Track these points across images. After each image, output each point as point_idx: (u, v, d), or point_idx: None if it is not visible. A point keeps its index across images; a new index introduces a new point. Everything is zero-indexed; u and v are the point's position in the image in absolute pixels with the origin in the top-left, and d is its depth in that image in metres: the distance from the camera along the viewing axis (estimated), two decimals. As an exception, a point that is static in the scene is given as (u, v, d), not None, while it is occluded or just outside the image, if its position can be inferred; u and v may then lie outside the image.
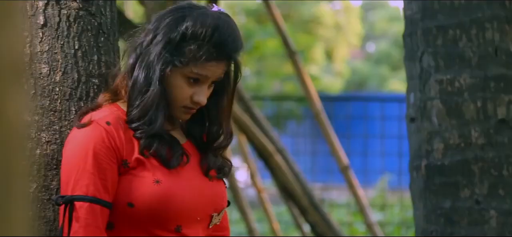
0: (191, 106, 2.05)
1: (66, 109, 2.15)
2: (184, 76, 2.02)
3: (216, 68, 2.03)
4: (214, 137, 2.13)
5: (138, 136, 2.01)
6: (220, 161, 2.13)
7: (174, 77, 2.03)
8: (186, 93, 2.03)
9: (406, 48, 3.11)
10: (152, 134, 2.00)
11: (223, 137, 2.14)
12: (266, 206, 6.38)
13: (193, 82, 2.03)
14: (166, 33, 2.02)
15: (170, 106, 2.05)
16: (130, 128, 2.02)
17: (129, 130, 2.02)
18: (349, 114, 9.93)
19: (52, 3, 2.18)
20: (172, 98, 2.04)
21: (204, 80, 2.04)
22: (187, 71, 2.02)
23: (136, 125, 2.01)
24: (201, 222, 2.07)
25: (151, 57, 2.02)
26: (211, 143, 2.14)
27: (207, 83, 2.05)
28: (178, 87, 2.03)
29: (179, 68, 2.02)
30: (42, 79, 2.15)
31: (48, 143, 2.12)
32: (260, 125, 5.38)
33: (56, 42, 2.17)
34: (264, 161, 5.27)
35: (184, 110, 2.06)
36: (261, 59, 14.56)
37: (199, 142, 2.15)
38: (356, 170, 6.29)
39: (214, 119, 2.14)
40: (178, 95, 2.04)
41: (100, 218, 1.96)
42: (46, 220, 2.11)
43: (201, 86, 2.04)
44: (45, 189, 2.11)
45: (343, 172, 5.66)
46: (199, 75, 2.02)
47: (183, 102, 2.04)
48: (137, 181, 1.98)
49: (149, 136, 2.00)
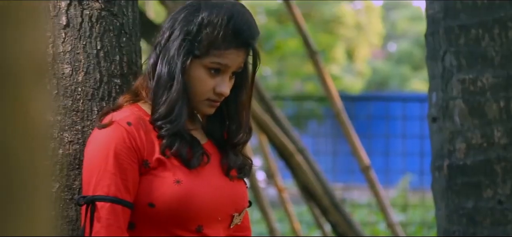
0: (215, 98, 2.06)
1: (89, 109, 2.16)
2: (205, 67, 2.04)
3: (236, 56, 2.05)
4: (234, 134, 2.14)
5: (163, 134, 2.01)
6: (240, 160, 2.13)
7: (195, 69, 2.04)
8: (208, 85, 2.04)
9: (428, 48, 3.10)
10: (175, 132, 2.01)
11: (243, 133, 2.14)
12: (287, 206, 6.38)
13: (214, 73, 2.04)
14: (183, 26, 2.04)
15: (194, 101, 2.06)
16: (155, 126, 2.03)
17: (150, 130, 2.02)
18: (370, 114, 9.89)
19: (75, 4, 2.19)
20: (195, 92, 2.05)
21: (225, 69, 2.04)
22: (208, 62, 2.03)
23: (162, 122, 2.01)
24: (222, 222, 2.07)
25: (172, 52, 2.03)
26: (231, 140, 2.14)
27: (228, 73, 2.06)
28: (200, 79, 2.04)
29: (199, 59, 2.03)
30: (65, 79, 2.16)
31: (71, 143, 2.13)
32: (281, 125, 5.38)
33: (78, 42, 2.18)
34: (285, 161, 5.26)
35: (208, 103, 2.07)
36: (282, 59, 14.55)
37: (220, 142, 2.15)
38: (377, 170, 6.27)
39: (233, 115, 2.14)
40: (201, 87, 2.04)
41: (121, 218, 1.96)
42: (69, 219, 2.12)
43: (223, 77, 2.05)
44: (67, 189, 2.12)
45: (364, 172, 5.64)
46: (220, 64, 2.03)
47: (206, 94, 2.05)
48: (157, 181, 1.99)
49: (172, 135, 2.01)
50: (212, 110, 2.08)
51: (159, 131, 2.02)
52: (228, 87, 2.06)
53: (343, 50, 16.92)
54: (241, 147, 2.16)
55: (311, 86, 14.17)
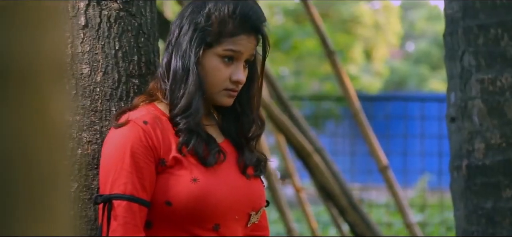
0: (232, 87, 2.07)
1: (107, 109, 2.17)
2: (218, 56, 2.06)
3: (247, 41, 2.07)
4: (248, 128, 2.15)
5: (181, 128, 2.02)
6: (256, 157, 2.14)
7: (209, 59, 2.06)
8: (223, 74, 2.06)
9: (446, 47, 3.09)
10: (192, 128, 2.01)
11: (255, 126, 2.16)
12: (304, 206, 6.37)
13: (228, 61, 2.06)
14: (192, 20, 2.07)
15: (211, 93, 2.07)
16: (173, 122, 2.03)
17: (166, 129, 2.03)
18: (388, 113, 9.86)
19: (93, 4, 2.20)
20: (212, 83, 2.06)
21: (238, 57, 2.07)
22: (220, 50, 2.05)
23: (181, 116, 2.03)
24: (239, 221, 2.08)
25: (184, 46, 2.06)
26: (245, 135, 2.15)
27: (242, 60, 2.08)
28: (215, 69, 2.06)
29: (212, 49, 2.05)
30: (83, 79, 2.17)
31: (89, 143, 2.14)
32: (298, 125, 5.37)
33: (97, 42, 2.19)
34: (302, 161, 5.25)
35: (226, 93, 2.08)
36: (299, 59, 14.53)
37: (236, 141, 2.15)
38: (396, 170, 6.25)
39: (245, 108, 2.15)
40: (216, 77, 2.06)
41: (138, 216, 1.97)
42: (87, 219, 2.13)
43: (237, 65, 2.07)
44: (86, 189, 2.13)
45: (382, 172, 5.62)
46: (233, 51, 2.06)
47: (223, 84, 2.06)
48: (174, 180, 1.99)
49: (189, 131, 2.01)
50: (230, 100, 2.09)
51: (178, 126, 2.03)
52: (244, 74, 2.08)
53: (361, 50, 16.87)
54: (255, 142, 2.17)
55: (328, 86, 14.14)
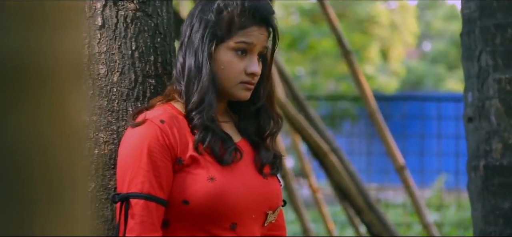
0: (248, 80, 2.08)
1: (124, 110, 2.17)
2: (231, 49, 2.07)
3: (258, 33, 2.09)
4: (266, 125, 2.16)
5: (196, 123, 2.02)
6: (272, 155, 2.14)
7: (222, 54, 2.07)
8: (238, 67, 2.07)
9: (463, 47, 3.07)
10: (207, 124, 2.02)
11: (274, 123, 2.17)
12: (321, 206, 6.36)
13: (241, 54, 2.07)
14: (202, 17, 2.08)
15: (228, 87, 2.08)
16: (189, 119, 2.04)
17: (183, 128, 2.04)
18: (405, 113, 9.83)
19: (110, 5, 2.20)
20: (227, 77, 2.08)
21: (251, 49, 2.08)
22: (233, 43, 2.07)
23: (196, 112, 2.04)
24: (256, 220, 2.08)
25: (196, 44, 2.07)
26: (262, 132, 2.16)
27: (255, 53, 2.09)
28: (229, 62, 2.07)
29: (224, 43, 2.07)
30: (100, 79, 2.18)
31: (106, 143, 2.14)
32: (314, 125, 5.36)
33: (113, 43, 2.20)
34: (319, 161, 5.25)
35: (242, 86, 2.09)
36: (315, 59, 14.51)
37: (253, 140, 2.16)
38: (412, 170, 6.23)
39: (263, 105, 2.16)
40: (232, 71, 2.07)
41: (155, 215, 1.97)
42: (104, 219, 2.13)
43: (251, 57, 2.08)
44: (103, 189, 2.14)
45: (399, 172, 5.61)
46: (245, 43, 2.07)
47: (238, 77, 2.07)
48: (191, 178, 2.00)
49: (204, 128, 2.02)
50: (247, 94, 2.10)
51: (192, 121, 2.03)
52: (259, 67, 2.09)
53: (378, 49, 16.83)
54: (273, 139, 2.18)
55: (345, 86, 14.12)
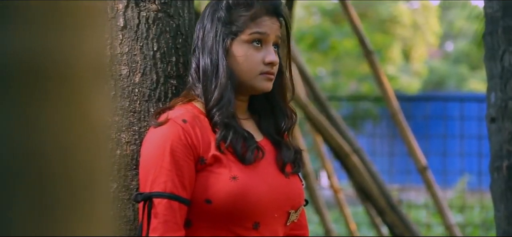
0: (267, 70, 2.10)
1: (145, 110, 2.18)
2: (246, 42, 2.09)
3: (270, 22, 2.11)
4: (282, 119, 2.18)
5: (216, 120, 2.03)
6: (293, 153, 2.14)
7: (238, 47, 2.09)
8: (256, 58, 2.09)
9: (486, 47, 3.05)
10: (227, 121, 2.03)
11: (287, 118, 2.19)
12: (342, 207, 6.35)
13: (257, 45, 2.09)
14: (213, 17, 2.11)
15: (248, 80, 2.09)
16: (209, 117, 2.04)
17: (205, 127, 2.04)
18: (427, 114, 9.79)
19: (132, 5, 2.21)
20: (246, 70, 2.09)
21: (265, 39, 2.10)
22: (247, 35, 2.09)
23: (216, 109, 2.04)
24: (278, 219, 2.08)
25: (210, 43, 2.09)
26: (279, 128, 2.18)
27: (270, 43, 2.11)
28: (247, 54, 2.09)
29: (238, 37, 2.09)
30: (122, 80, 2.18)
31: (128, 143, 2.15)
32: (336, 125, 5.35)
33: (135, 43, 2.20)
34: (340, 161, 5.24)
35: (263, 77, 2.10)
36: (337, 59, 14.48)
37: (275, 139, 2.16)
38: (435, 171, 6.20)
39: (278, 99, 2.18)
40: (250, 62, 2.09)
41: (178, 214, 1.98)
42: (126, 219, 2.14)
43: (267, 47, 2.10)
44: (125, 189, 2.14)
45: (421, 172, 5.58)
46: (259, 33, 2.09)
47: (258, 68, 2.09)
48: (214, 178, 2.00)
49: (225, 126, 2.03)
50: (269, 84, 2.11)
51: (213, 119, 2.04)
52: (276, 56, 2.11)
53: (400, 50, 16.76)
54: (290, 134, 2.20)
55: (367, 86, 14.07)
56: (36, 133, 0.71)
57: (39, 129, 0.71)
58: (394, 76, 14.89)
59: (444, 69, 20.54)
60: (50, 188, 0.72)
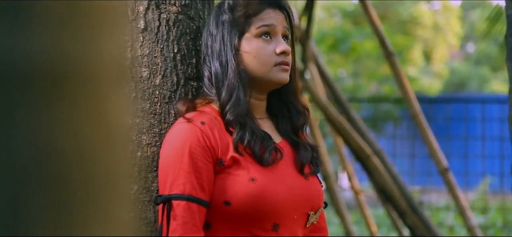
0: (281, 60, 2.11)
1: (166, 112, 2.18)
2: (255, 36, 2.11)
3: (275, 14, 2.13)
4: (297, 117, 2.19)
5: (230, 118, 2.04)
6: (310, 152, 2.14)
7: (247, 44, 2.11)
8: (268, 50, 2.10)
9: (508, 48, 3.03)
10: (241, 120, 2.03)
11: (301, 115, 2.20)
12: (363, 209, 6.33)
13: (266, 38, 2.11)
14: (217, 22, 2.13)
15: (264, 74, 2.10)
16: (223, 117, 2.05)
17: (223, 129, 2.05)
18: (449, 115, 9.75)
19: (152, 8, 2.22)
20: (260, 63, 2.10)
21: (273, 30, 2.12)
22: (254, 30, 2.11)
23: (227, 108, 2.06)
24: (298, 221, 2.07)
25: (218, 47, 2.11)
26: (295, 125, 2.19)
27: (279, 34, 2.12)
28: (258, 49, 2.10)
29: (246, 34, 2.11)
30: (143, 82, 2.19)
31: (149, 145, 2.15)
32: (357, 127, 5.34)
33: (156, 45, 2.21)
34: (361, 163, 5.22)
35: (278, 68, 2.11)
36: (357, 61, 14.44)
37: (293, 140, 2.16)
38: (456, 173, 6.17)
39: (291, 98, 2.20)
40: (262, 55, 2.10)
41: (197, 216, 1.98)
42: (147, 221, 2.14)
43: (276, 39, 2.12)
44: (145, 191, 2.15)
45: (442, 174, 5.55)
46: (266, 25, 2.11)
47: (271, 59, 2.10)
48: (232, 179, 2.00)
49: (239, 125, 2.03)
50: (286, 75, 2.12)
51: (226, 118, 2.04)
52: (287, 46, 2.12)
53: (420, 51, 16.69)
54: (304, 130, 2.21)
55: (387, 87, 14.03)
56: (56, 135, 0.71)
57: (59, 131, 0.71)
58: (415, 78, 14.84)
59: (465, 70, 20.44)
60: (70, 190, 0.72)
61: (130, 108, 0.79)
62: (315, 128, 5.92)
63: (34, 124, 0.70)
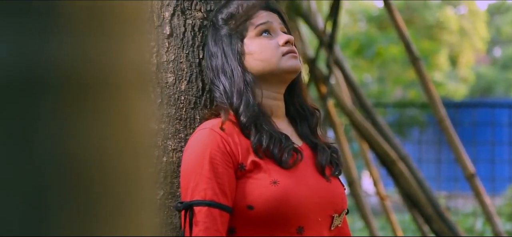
0: (287, 48, 2.14)
1: (191, 117, 2.19)
2: (256, 36, 2.14)
3: (267, 14, 2.17)
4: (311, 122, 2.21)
5: (243, 121, 2.05)
6: (328, 154, 2.14)
7: (251, 43, 2.14)
8: (272, 43, 2.13)
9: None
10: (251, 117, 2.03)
11: (313, 116, 2.22)
12: (389, 214, 6.30)
13: (267, 35, 2.14)
14: (214, 40, 2.17)
15: (274, 67, 2.12)
16: (238, 120, 2.06)
17: (242, 134, 2.05)
18: (475, 120, 9.68)
19: (178, 14, 2.22)
20: (268, 57, 2.12)
21: (272, 27, 2.16)
22: (253, 30, 2.14)
23: (240, 112, 2.07)
24: (322, 224, 2.07)
25: (220, 63, 2.14)
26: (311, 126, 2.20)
27: (277, 29, 2.16)
28: (261, 44, 2.13)
29: (246, 37, 2.14)
30: (168, 88, 2.20)
31: (174, 150, 2.16)
32: (382, 132, 5.32)
33: (181, 51, 2.21)
34: (387, 168, 5.20)
35: (286, 57, 2.13)
36: (383, 66, 14.40)
37: (313, 143, 2.17)
38: (483, 178, 6.12)
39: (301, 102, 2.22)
40: (268, 48, 2.13)
41: (219, 222, 1.98)
42: (173, 226, 2.15)
43: (276, 33, 2.16)
44: (171, 196, 2.15)
45: (469, 180, 5.52)
46: (263, 23, 2.15)
47: (277, 50, 2.13)
48: (254, 183, 2.00)
49: (254, 127, 2.04)
50: (296, 61, 2.14)
51: (240, 121, 2.05)
52: (290, 35, 2.16)
53: (446, 56, 16.61)
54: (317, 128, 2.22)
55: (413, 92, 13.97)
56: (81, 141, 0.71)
57: (84, 137, 0.72)
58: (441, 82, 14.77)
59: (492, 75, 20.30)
60: (95, 196, 0.72)
61: (155, 113, 0.80)
62: (340, 133, 5.91)
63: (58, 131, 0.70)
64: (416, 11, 15.58)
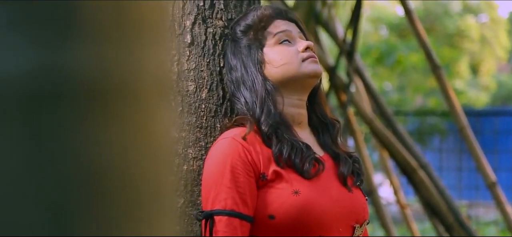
0: (307, 54, 2.14)
1: (212, 126, 2.19)
2: (275, 44, 2.15)
3: (284, 22, 2.18)
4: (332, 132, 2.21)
5: (264, 130, 2.04)
6: (350, 163, 2.14)
7: (271, 51, 2.14)
8: (291, 50, 2.14)
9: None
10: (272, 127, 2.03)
11: (332, 126, 2.22)
12: (410, 223, 6.27)
13: (286, 43, 2.15)
14: (233, 52, 2.18)
15: (295, 74, 2.12)
16: (259, 129, 2.06)
17: (264, 144, 2.05)
18: (496, 129, 9.63)
19: (199, 22, 2.23)
20: (289, 62, 2.13)
21: (290, 35, 2.17)
22: (272, 39, 2.15)
23: (261, 120, 2.07)
24: (343, 234, 2.06)
25: (240, 75, 2.15)
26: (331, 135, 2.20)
27: (296, 37, 2.17)
28: (281, 51, 2.14)
29: (266, 45, 2.15)
30: (189, 96, 2.20)
31: (195, 159, 2.16)
32: (403, 140, 5.30)
33: (202, 60, 2.22)
34: (407, 176, 5.18)
35: (307, 62, 2.14)
36: (403, 74, 14.35)
37: (335, 152, 2.16)
38: (505, 187, 6.08)
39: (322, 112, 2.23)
40: (288, 54, 2.13)
41: (239, 232, 1.97)
42: (193, 234, 2.15)
43: (295, 41, 2.16)
44: (192, 205, 2.15)
45: (490, 188, 5.48)
46: (282, 32, 2.16)
47: (297, 56, 2.13)
48: (275, 193, 2.00)
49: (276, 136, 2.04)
50: (317, 66, 2.15)
51: (262, 130, 2.05)
52: (309, 41, 2.17)
53: (467, 64, 16.53)
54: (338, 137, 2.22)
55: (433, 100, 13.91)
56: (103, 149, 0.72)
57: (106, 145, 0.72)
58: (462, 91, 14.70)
59: (513, 83, 20.16)
60: (116, 204, 0.72)
61: (176, 122, 0.80)
62: (361, 141, 5.90)
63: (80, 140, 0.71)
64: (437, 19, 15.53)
